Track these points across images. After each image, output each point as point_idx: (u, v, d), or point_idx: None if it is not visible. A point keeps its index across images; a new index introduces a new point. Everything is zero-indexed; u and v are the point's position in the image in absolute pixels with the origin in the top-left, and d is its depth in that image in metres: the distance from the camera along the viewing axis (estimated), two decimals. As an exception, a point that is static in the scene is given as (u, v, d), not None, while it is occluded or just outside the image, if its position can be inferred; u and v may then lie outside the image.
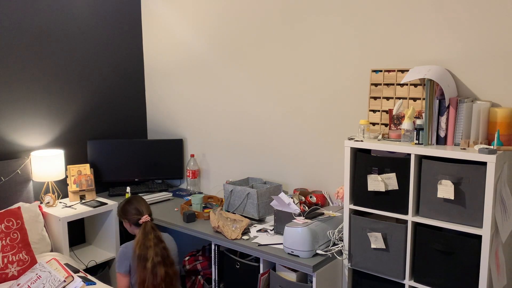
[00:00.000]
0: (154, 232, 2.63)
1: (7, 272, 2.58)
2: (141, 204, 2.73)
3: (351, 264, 2.48)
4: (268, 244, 2.55)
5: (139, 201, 2.76)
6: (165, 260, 2.58)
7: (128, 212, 2.71)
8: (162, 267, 2.53)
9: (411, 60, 2.51)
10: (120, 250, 2.66)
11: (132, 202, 2.75)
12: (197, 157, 3.64)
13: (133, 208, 2.70)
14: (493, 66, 2.28)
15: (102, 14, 3.57)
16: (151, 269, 2.51)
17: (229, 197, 3.01)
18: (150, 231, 2.61)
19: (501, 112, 2.16)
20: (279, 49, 3.05)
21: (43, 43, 3.23)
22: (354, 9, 2.69)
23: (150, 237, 2.58)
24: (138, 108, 3.92)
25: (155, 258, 2.53)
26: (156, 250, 2.56)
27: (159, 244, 2.60)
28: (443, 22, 2.40)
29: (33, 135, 3.22)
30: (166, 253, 2.60)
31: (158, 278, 2.51)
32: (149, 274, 2.51)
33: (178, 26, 3.60)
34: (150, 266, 2.51)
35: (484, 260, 2.06)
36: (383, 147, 2.30)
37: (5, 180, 2.98)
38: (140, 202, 2.75)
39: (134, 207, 2.71)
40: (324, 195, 2.89)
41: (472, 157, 2.04)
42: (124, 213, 2.73)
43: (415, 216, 2.26)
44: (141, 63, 3.90)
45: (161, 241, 2.62)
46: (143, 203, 2.75)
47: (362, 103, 2.72)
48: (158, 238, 2.62)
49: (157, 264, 2.53)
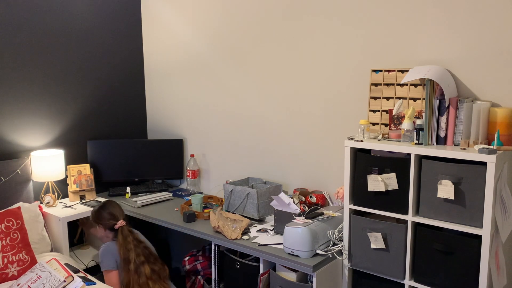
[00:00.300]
0: (132, 234, 2.71)
1: (7, 272, 2.58)
2: (115, 209, 2.77)
3: (351, 264, 2.48)
4: (268, 244, 2.55)
5: (113, 206, 2.80)
6: (148, 258, 2.66)
7: (103, 218, 2.75)
8: (146, 265, 2.62)
9: (411, 60, 2.51)
10: (102, 249, 2.70)
11: (107, 207, 2.78)
12: (197, 157, 3.64)
13: (108, 213, 2.75)
14: (493, 66, 2.28)
15: (102, 14, 3.57)
16: (134, 270, 2.59)
17: (229, 197, 3.01)
18: (128, 234, 2.69)
19: (501, 112, 2.16)
20: (279, 49, 3.05)
21: (43, 43, 3.23)
22: (354, 9, 2.69)
23: (129, 239, 2.66)
24: (138, 108, 3.92)
25: (137, 259, 2.61)
26: (137, 251, 2.65)
27: (139, 244, 2.68)
28: (443, 22, 2.40)
29: (33, 135, 3.22)
30: (148, 251, 2.69)
31: (143, 277, 2.59)
32: (133, 275, 2.58)
33: (178, 26, 3.60)
34: (133, 267, 2.59)
35: (484, 260, 2.06)
36: (383, 147, 2.30)
37: (5, 180, 2.98)
38: (115, 207, 2.79)
39: (109, 212, 2.75)
40: (324, 195, 2.89)
41: (472, 157, 2.04)
42: (99, 218, 2.76)
43: (415, 216, 2.26)
44: (141, 63, 3.90)
45: (140, 242, 2.70)
46: (117, 208, 2.79)
47: (362, 103, 2.72)
48: (137, 240, 2.70)
49: (140, 264, 2.61)
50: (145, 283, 2.60)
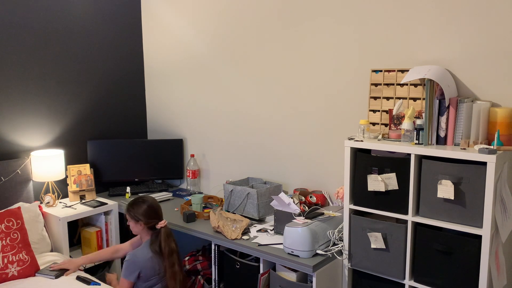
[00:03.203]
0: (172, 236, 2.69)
1: (7, 272, 2.58)
2: (157, 206, 2.70)
3: (351, 264, 2.48)
4: (268, 244, 2.55)
5: (154, 202, 2.70)
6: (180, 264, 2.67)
7: (148, 215, 2.63)
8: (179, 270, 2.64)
9: (411, 60, 2.51)
10: (129, 259, 2.58)
11: (148, 202, 2.67)
12: (197, 157, 3.64)
13: (150, 210, 2.64)
14: (493, 66, 2.28)
15: (102, 14, 3.57)
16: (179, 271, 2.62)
17: (229, 197, 3.01)
18: (170, 234, 2.67)
19: (501, 112, 2.16)
20: (279, 49, 3.05)
21: (43, 43, 3.23)
22: (354, 9, 2.69)
23: (171, 238, 2.66)
24: (138, 108, 3.92)
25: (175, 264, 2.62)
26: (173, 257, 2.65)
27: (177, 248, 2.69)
28: (443, 22, 2.40)
29: (33, 135, 3.22)
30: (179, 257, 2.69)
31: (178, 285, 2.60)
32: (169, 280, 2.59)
33: (178, 26, 3.60)
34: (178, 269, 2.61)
35: (484, 260, 2.06)
36: (383, 147, 2.30)
37: (5, 180, 2.98)
38: (156, 203, 2.70)
39: (152, 208, 2.65)
40: (324, 195, 2.89)
41: (472, 157, 2.04)
42: (139, 214, 2.63)
43: (415, 216, 2.26)
44: (141, 63, 3.90)
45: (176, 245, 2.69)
46: (158, 204, 2.72)
47: (362, 103, 2.72)
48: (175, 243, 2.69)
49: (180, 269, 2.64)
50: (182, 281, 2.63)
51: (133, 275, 2.56)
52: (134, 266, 2.56)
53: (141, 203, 2.65)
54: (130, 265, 2.57)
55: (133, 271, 2.56)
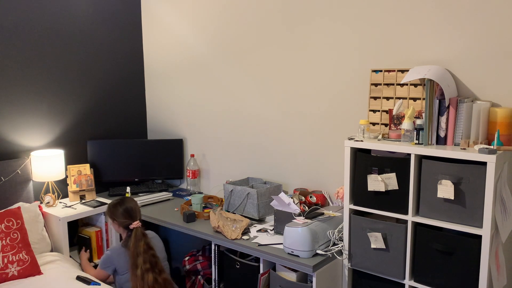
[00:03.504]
0: (144, 238, 2.69)
1: (7, 272, 2.58)
2: (132, 208, 2.77)
3: (351, 264, 2.48)
4: (268, 244, 2.55)
5: (131, 204, 2.79)
6: (154, 268, 2.62)
7: (119, 215, 2.75)
8: (150, 274, 2.59)
9: (411, 60, 2.51)
10: (106, 254, 2.78)
11: (125, 204, 2.77)
12: (197, 157, 3.64)
13: (125, 211, 2.74)
14: (493, 66, 2.28)
15: (102, 14, 3.57)
16: (140, 276, 2.58)
17: (229, 197, 3.01)
18: (140, 237, 2.67)
19: (501, 112, 2.16)
20: (279, 49, 3.05)
21: (43, 43, 3.23)
22: (354, 9, 2.69)
23: (141, 243, 2.65)
24: (138, 108, 3.92)
25: (143, 266, 2.59)
26: (145, 257, 2.62)
27: (148, 251, 2.65)
28: (443, 22, 2.40)
29: (33, 135, 3.22)
30: (155, 260, 2.65)
31: (146, 286, 2.57)
32: (139, 281, 2.58)
33: (178, 26, 3.60)
34: (139, 273, 2.58)
35: (484, 260, 2.06)
36: (383, 147, 2.30)
37: (5, 180, 2.98)
38: (132, 206, 2.78)
39: (127, 210, 2.75)
40: (324, 195, 2.89)
41: (472, 157, 2.04)
42: (115, 214, 2.77)
43: (415, 216, 2.26)
44: (141, 63, 3.90)
45: (150, 248, 2.67)
46: (135, 207, 2.79)
47: (362, 103, 2.72)
48: (148, 245, 2.67)
49: (145, 271, 2.58)
50: None
51: (108, 269, 2.75)
52: (109, 261, 2.75)
53: (118, 205, 2.78)
54: (106, 259, 2.76)
55: (108, 265, 2.75)
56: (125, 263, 2.69)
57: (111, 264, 2.74)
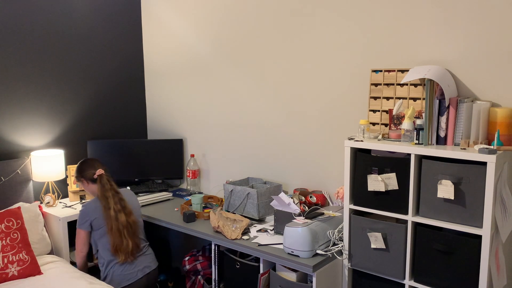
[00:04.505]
0: (109, 183, 2.79)
1: (7, 272, 2.58)
2: (94, 161, 2.88)
3: (351, 264, 2.48)
4: (268, 244, 2.55)
5: (92, 159, 2.92)
6: (124, 210, 2.75)
7: (83, 170, 2.84)
8: (123, 215, 2.72)
9: (411, 60, 2.51)
10: (81, 210, 2.78)
11: (86, 160, 2.90)
12: (197, 157, 3.64)
13: (87, 165, 2.84)
14: (493, 66, 2.28)
15: (102, 15, 3.57)
16: (114, 216, 2.70)
17: (229, 197, 3.01)
18: (106, 182, 2.78)
19: (501, 112, 2.16)
20: (279, 49, 3.05)
21: (43, 43, 3.23)
22: (354, 9, 2.69)
23: (107, 187, 2.76)
24: (138, 108, 3.92)
25: (115, 206, 2.72)
26: (115, 200, 2.75)
27: (116, 195, 2.77)
28: (443, 22, 2.40)
29: (33, 135, 3.22)
30: (123, 204, 2.78)
31: (120, 225, 2.70)
32: (114, 221, 2.69)
33: (178, 27, 3.60)
34: (113, 213, 2.70)
35: (484, 260, 2.06)
36: (383, 147, 2.30)
37: (5, 180, 2.98)
38: (93, 160, 2.90)
39: (86, 163, 2.87)
40: (324, 195, 2.89)
41: (472, 157, 2.04)
42: (79, 172, 2.85)
43: (415, 216, 2.26)
44: (141, 63, 3.90)
45: (117, 192, 2.79)
46: (96, 160, 2.90)
47: (362, 103, 2.72)
48: (114, 190, 2.79)
49: (117, 211, 2.71)
50: (122, 231, 2.70)
51: (85, 224, 2.75)
52: (84, 215, 2.75)
53: (79, 164, 2.89)
54: (81, 215, 2.76)
55: (84, 220, 2.75)
56: (100, 216, 2.74)
57: (87, 217, 2.74)
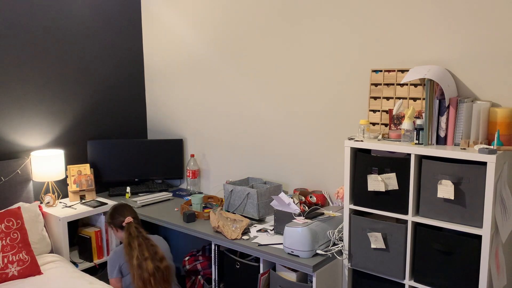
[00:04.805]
0: (137, 231, 2.72)
1: (7, 272, 2.58)
2: (124, 209, 2.83)
3: (351, 264, 2.48)
4: (268, 244, 2.55)
5: (123, 206, 2.86)
6: (153, 256, 2.66)
7: (113, 217, 2.81)
8: (149, 262, 2.62)
9: (411, 60, 2.51)
10: (109, 257, 2.77)
11: (116, 207, 2.86)
12: (197, 157, 3.64)
13: (114, 211, 2.82)
14: (493, 66, 2.28)
15: (102, 14, 3.57)
16: (137, 264, 2.61)
17: (229, 197, 3.01)
18: (134, 230, 2.71)
19: (501, 112, 2.16)
20: (279, 49, 3.05)
21: (43, 43, 3.23)
22: (354, 9, 2.69)
23: (134, 235, 2.69)
24: (138, 108, 3.92)
25: (139, 256, 2.63)
26: (142, 247, 2.66)
27: (145, 241, 2.69)
28: (443, 22, 2.40)
29: (33, 135, 3.22)
30: (154, 250, 2.69)
31: (145, 273, 2.59)
32: (136, 269, 2.60)
33: (178, 26, 3.60)
34: (135, 262, 2.61)
35: (484, 260, 2.06)
36: (383, 147, 2.30)
37: (5, 180, 2.98)
38: (124, 207, 2.85)
39: (116, 210, 2.83)
40: (324, 195, 2.89)
41: (472, 157, 2.04)
42: (110, 219, 2.83)
43: (415, 216, 2.26)
44: (141, 63, 3.90)
45: (146, 239, 2.71)
46: (127, 208, 2.85)
47: (362, 103, 2.72)
48: (143, 237, 2.71)
49: (143, 260, 2.62)
50: (147, 279, 2.60)
51: (115, 271, 2.71)
52: (112, 262, 2.73)
53: (110, 210, 2.86)
54: (109, 263, 2.74)
55: (113, 267, 2.72)
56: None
57: (115, 264, 2.71)
